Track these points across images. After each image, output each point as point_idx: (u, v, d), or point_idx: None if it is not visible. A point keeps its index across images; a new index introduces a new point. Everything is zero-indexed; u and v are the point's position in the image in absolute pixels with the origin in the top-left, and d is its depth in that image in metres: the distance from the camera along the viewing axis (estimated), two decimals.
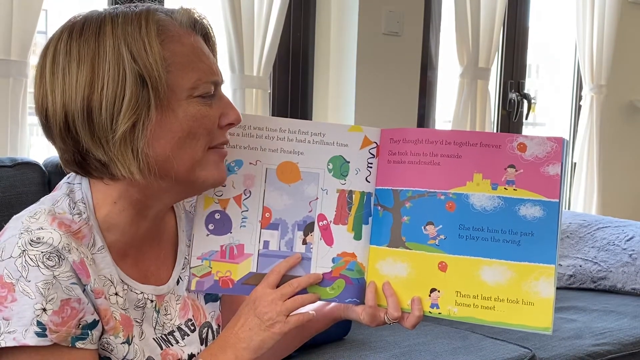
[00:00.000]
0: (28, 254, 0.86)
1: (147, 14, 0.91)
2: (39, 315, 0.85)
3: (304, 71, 2.68)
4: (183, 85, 0.91)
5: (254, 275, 1.04)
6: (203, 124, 0.93)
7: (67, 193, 0.94)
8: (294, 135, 1.06)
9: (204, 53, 0.94)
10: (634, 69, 3.62)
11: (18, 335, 0.84)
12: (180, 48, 0.92)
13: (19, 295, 0.85)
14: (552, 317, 0.99)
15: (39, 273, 0.85)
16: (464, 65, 2.96)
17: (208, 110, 0.93)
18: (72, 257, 0.87)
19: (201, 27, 0.97)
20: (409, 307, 1.03)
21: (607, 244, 2.58)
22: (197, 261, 1.04)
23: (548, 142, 1.01)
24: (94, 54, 0.88)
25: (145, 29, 0.89)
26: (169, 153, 0.91)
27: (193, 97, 0.92)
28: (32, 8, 1.94)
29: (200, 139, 0.93)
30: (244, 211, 1.05)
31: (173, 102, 0.91)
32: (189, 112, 0.91)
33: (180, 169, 0.93)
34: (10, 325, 0.84)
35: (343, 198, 1.06)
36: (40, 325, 0.85)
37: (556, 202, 1.00)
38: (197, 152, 0.93)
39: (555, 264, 0.99)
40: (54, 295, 0.86)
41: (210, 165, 0.95)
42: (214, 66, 0.95)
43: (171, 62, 0.90)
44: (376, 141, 1.06)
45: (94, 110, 0.88)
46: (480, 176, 1.02)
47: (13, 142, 1.96)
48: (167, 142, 0.91)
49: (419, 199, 1.03)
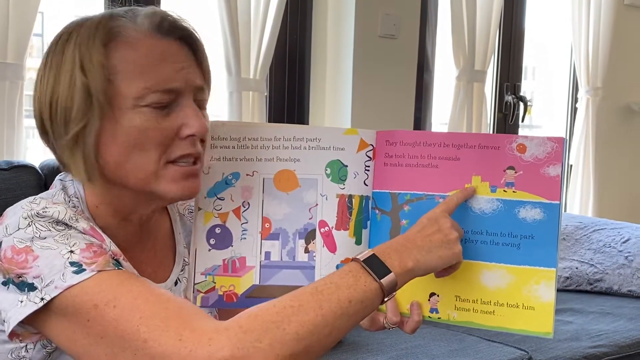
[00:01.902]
0: (36, 223, 0.85)
1: (103, 19, 0.90)
2: (69, 257, 0.83)
3: (301, 74, 2.68)
4: (127, 94, 0.88)
5: (258, 288, 1.03)
6: (149, 135, 0.89)
7: (61, 188, 0.95)
8: (289, 142, 1.04)
9: (163, 59, 0.90)
10: (629, 72, 3.62)
11: (58, 282, 0.81)
12: (131, 54, 0.89)
13: (40, 251, 0.83)
14: (552, 321, 0.97)
15: (53, 231, 0.85)
16: (460, 67, 2.97)
17: (159, 121, 0.89)
18: (81, 225, 0.87)
19: (175, 30, 0.92)
20: (408, 311, 1.02)
21: (603, 246, 2.58)
22: (201, 277, 1.03)
23: (548, 142, 0.99)
24: (60, 61, 0.90)
25: (93, 37, 0.89)
26: (120, 161, 0.90)
27: (140, 106, 0.89)
28: (28, 11, 1.93)
29: (150, 151, 0.90)
30: (243, 223, 1.04)
31: (116, 111, 0.89)
32: (134, 122, 0.89)
33: (132, 179, 0.91)
34: (45, 278, 0.82)
35: (343, 203, 1.04)
36: (75, 264, 0.82)
37: (557, 204, 0.98)
38: (149, 164, 0.90)
39: (556, 268, 0.98)
40: (76, 241, 0.85)
41: (166, 180, 0.91)
42: (175, 73, 0.91)
43: (117, 70, 0.88)
44: (372, 143, 1.05)
45: (53, 114, 0.90)
46: (479, 178, 1.00)
47: (9, 145, 1.96)
48: (115, 150, 0.90)
49: (417, 202, 1.02)
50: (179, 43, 0.93)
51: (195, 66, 0.94)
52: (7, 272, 0.84)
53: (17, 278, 0.83)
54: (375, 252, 0.89)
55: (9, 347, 0.89)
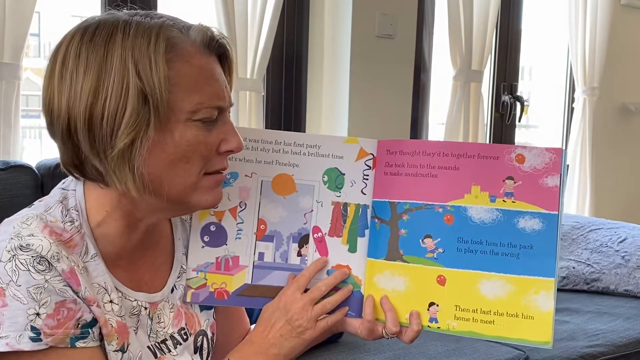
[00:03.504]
0: (18, 258, 0.85)
1: (159, 28, 0.88)
2: (33, 320, 0.84)
3: (298, 74, 2.68)
4: (184, 107, 0.88)
5: (249, 287, 1.05)
6: (198, 149, 0.90)
7: (61, 200, 0.93)
8: (290, 147, 1.06)
9: (212, 76, 0.91)
10: (626, 72, 3.63)
11: (11, 341, 0.83)
12: (187, 69, 0.89)
13: (10, 300, 0.84)
14: (552, 331, 0.98)
15: (30, 277, 0.84)
16: (457, 67, 2.97)
17: (206, 135, 0.91)
18: (61, 267, 0.86)
19: (217, 47, 0.93)
20: (408, 321, 1.02)
21: (600, 246, 2.58)
22: (193, 273, 1.04)
23: (547, 153, 1.00)
24: (102, 62, 0.86)
25: (154, 45, 0.87)
26: (162, 173, 0.90)
27: (192, 120, 0.89)
28: (24, 10, 1.93)
29: (195, 164, 0.91)
30: (239, 223, 1.05)
31: (172, 123, 0.88)
32: (186, 136, 0.89)
33: (172, 191, 0.91)
34: (3, 330, 0.83)
35: (338, 210, 1.06)
36: (35, 330, 0.84)
37: (555, 215, 0.99)
38: (191, 177, 0.91)
39: (555, 277, 0.98)
40: (47, 299, 0.85)
41: (204, 191, 0.93)
42: (222, 90, 0.92)
43: (175, 82, 0.88)
44: (372, 152, 1.06)
45: (94, 121, 0.86)
46: (479, 188, 1.01)
47: (6, 145, 1.96)
48: (161, 162, 0.89)
49: (416, 212, 1.02)
50: (218, 60, 0.94)
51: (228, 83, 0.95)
52: None
53: None
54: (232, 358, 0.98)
55: None
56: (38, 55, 3.63)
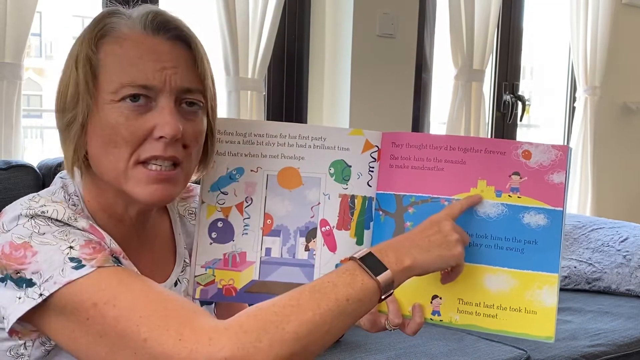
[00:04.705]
0: (35, 219, 0.85)
1: (102, 14, 0.93)
2: (69, 253, 0.82)
3: (299, 73, 2.68)
4: (107, 88, 0.89)
5: (257, 283, 1.04)
6: (119, 132, 0.89)
7: (62, 186, 0.95)
8: (295, 140, 1.05)
9: (145, 56, 0.89)
10: (627, 71, 3.63)
11: (57, 278, 0.81)
12: (117, 49, 0.90)
13: (39, 247, 0.83)
14: (554, 326, 0.98)
15: (52, 227, 0.85)
16: (458, 67, 2.97)
17: (131, 119, 0.89)
18: (80, 224, 0.87)
19: (166, 29, 0.91)
20: (410, 313, 1.02)
21: (602, 245, 2.58)
22: (201, 270, 1.03)
23: (553, 150, 1.00)
24: (69, 55, 0.93)
25: (91, 31, 0.91)
26: (98, 155, 0.91)
27: (115, 101, 0.89)
28: (26, 10, 1.93)
29: (121, 148, 0.89)
30: (245, 219, 1.04)
31: (100, 104, 0.90)
32: (108, 118, 0.89)
33: (106, 175, 0.92)
34: (44, 274, 0.82)
35: (345, 203, 1.05)
36: (74, 260, 0.82)
37: (560, 211, 0.99)
38: (120, 162, 0.90)
39: (559, 273, 0.99)
40: (74, 237, 0.85)
41: (134, 181, 0.90)
42: (153, 71, 0.89)
43: (103, 63, 0.90)
44: (377, 145, 1.05)
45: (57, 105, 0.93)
46: (485, 183, 1.01)
47: (7, 145, 1.96)
48: (95, 143, 0.91)
49: (422, 205, 1.02)
50: (171, 43, 0.91)
51: (187, 67, 0.92)
52: (5, 269, 0.83)
53: (15, 274, 0.83)
54: (372, 250, 0.89)
55: (7, 344, 0.88)
56: (39, 55, 3.63)
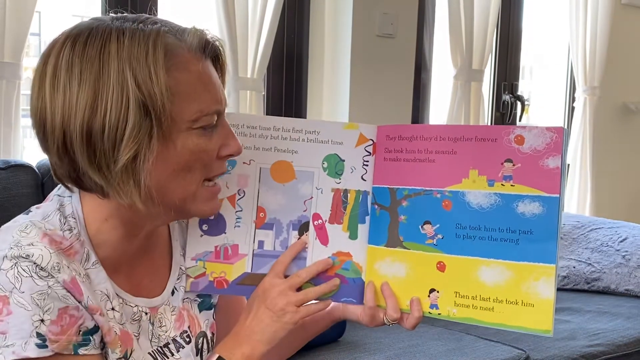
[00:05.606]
0: (20, 266, 0.84)
1: (156, 35, 0.85)
2: (38, 327, 0.83)
3: (298, 73, 2.68)
4: (184, 116, 0.86)
5: (249, 276, 1.04)
6: (200, 157, 0.89)
7: (58, 207, 0.91)
8: (288, 133, 1.04)
9: (210, 80, 0.89)
10: (626, 71, 3.63)
11: (17, 349, 0.83)
12: (186, 76, 0.86)
13: (15, 308, 0.83)
14: (552, 319, 0.95)
15: (33, 284, 0.83)
16: (457, 67, 2.97)
17: (207, 143, 0.89)
18: (62, 277, 0.85)
19: (212, 50, 0.91)
20: (408, 307, 1.01)
21: (601, 245, 2.58)
22: (192, 262, 1.03)
23: (547, 132, 0.95)
24: (97, 75, 0.82)
25: (153, 55, 0.83)
26: (165, 184, 0.88)
27: (193, 128, 0.87)
28: (25, 10, 1.93)
29: (196, 172, 0.90)
30: (238, 211, 1.04)
31: (174, 133, 0.86)
32: (187, 145, 0.87)
33: (172, 200, 0.90)
34: (8, 338, 0.83)
35: (338, 197, 1.04)
36: (40, 336, 0.83)
37: (556, 197, 0.94)
38: (191, 185, 0.90)
39: (556, 264, 0.94)
40: (51, 305, 0.84)
41: (201, 200, 0.92)
42: (219, 94, 0.90)
43: (175, 91, 0.85)
44: (372, 138, 1.04)
45: (94, 135, 0.83)
46: (476, 172, 0.98)
47: (6, 144, 1.96)
48: (164, 172, 0.87)
49: (415, 198, 1.00)
50: (212, 62, 0.92)
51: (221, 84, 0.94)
52: None
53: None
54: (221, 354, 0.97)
55: None
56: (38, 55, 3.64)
